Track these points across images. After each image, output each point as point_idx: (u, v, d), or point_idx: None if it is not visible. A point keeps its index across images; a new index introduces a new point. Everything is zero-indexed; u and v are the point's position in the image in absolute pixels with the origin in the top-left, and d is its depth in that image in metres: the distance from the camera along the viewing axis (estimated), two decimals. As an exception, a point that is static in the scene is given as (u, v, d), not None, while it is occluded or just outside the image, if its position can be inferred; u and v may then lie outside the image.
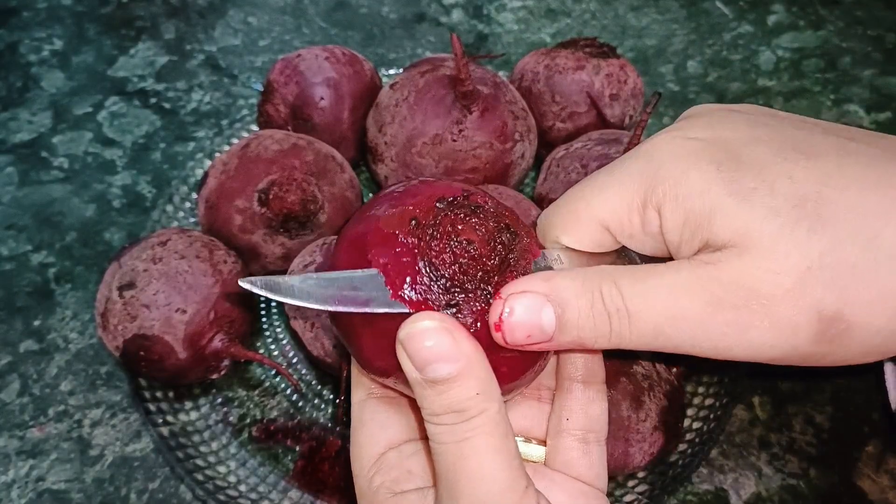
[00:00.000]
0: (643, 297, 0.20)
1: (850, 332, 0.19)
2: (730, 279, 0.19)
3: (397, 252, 0.20)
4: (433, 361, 0.19)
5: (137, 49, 0.59)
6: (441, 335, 0.19)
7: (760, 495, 0.36)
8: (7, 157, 0.51)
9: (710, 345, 0.20)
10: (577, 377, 0.23)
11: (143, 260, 0.34)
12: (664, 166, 0.21)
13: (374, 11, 0.62)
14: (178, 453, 0.35)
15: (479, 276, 0.20)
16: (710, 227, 0.20)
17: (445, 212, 0.21)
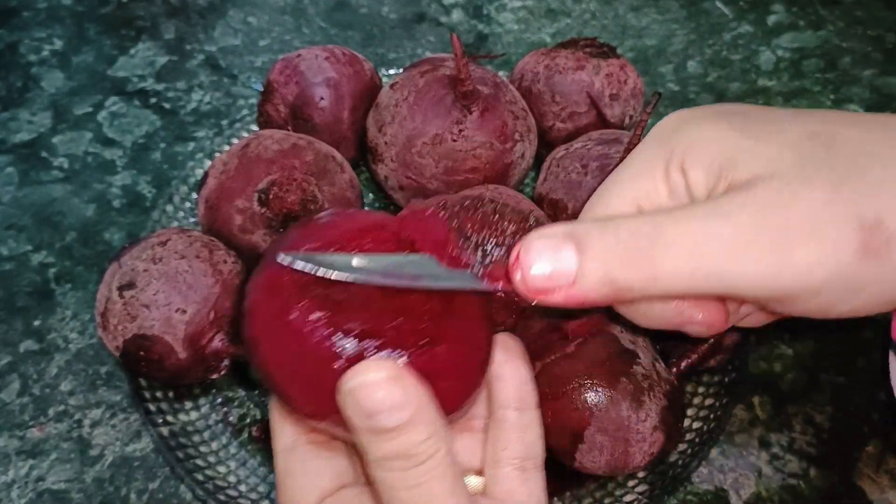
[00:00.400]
0: (677, 223, 0.18)
1: (894, 243, 0.18)
2: (765, 202, 0.18)
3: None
4: (382, 411, 0.18)
5: (137, 49, 0.59)
6: (390, 385, 0.18)
7: (760, 495, 0.36)
8: (7, 157, 0.51)
9: (755, 271, 0.18)
10: (509, 404, 0.23)
11: (143, 260, 0.34)
12: (678, 131, 0.21)
13: (374, 11, 0.62)
14: (178, 453, 0.35)
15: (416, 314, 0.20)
16: (734, 169, 0.20)
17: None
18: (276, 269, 0.20)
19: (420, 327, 0.20)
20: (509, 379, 0.23)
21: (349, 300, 0.20)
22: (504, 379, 0.23)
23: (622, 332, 0.33)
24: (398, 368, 0.19)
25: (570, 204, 0.39)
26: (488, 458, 0.23)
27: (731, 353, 0.36)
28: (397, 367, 0.19)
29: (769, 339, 0.42)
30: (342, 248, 0.20)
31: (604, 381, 0.31)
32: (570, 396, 0.31)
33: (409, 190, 0.42)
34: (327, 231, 0.21)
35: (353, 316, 0.19)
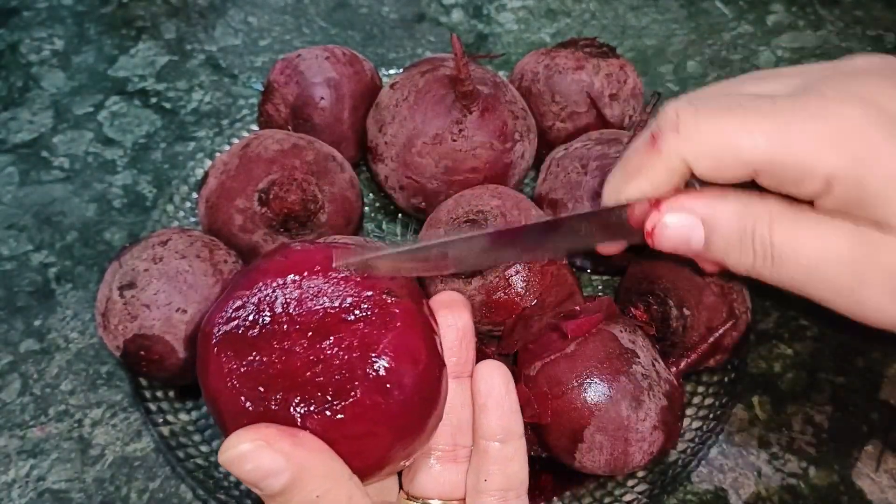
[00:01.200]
0: (794, 246, 0.20)
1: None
2: (889, 253, 0.19)
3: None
4: (261, 480, 0.18)
5: (138, 49, 0.59)
6: (259, 454, 0.18)
7: (760, 495, 0.36)
8: (8, 157, 0.51)
9: (854, 304, 0.21)
10: (493, 435, 0.22)
11: (144, 259, 0.34)
12: (851, 140, 0.20)
13: (374, 11, 0.62)
14: (179, 453, 0.35)
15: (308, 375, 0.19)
16: (878, 210, 0.20)
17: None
18: (214, 311, 0.21)
19: (332, 381, 0.19)
20: (493, 410, 0.22)
21: (268, 352, 0.19)
22: (488, 410, 0.22)
23: (622, 332, 0.33)
24: (269, 433, 0.18)
25: (570, 204, 0.39)
26: (469, 489, 0.23)
27: (730, 353, 0.36)
28: (268, 433, 0.18)
29: (769, 338, 0.42)
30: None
31: (603, 381, 0.31)
32: (569, 396, 0.31)
33: (408, 189, 0.42)
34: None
35: (265, 372, 0.19)
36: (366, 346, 0.20)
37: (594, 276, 0.44)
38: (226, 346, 0.20)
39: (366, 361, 0.19)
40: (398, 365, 0.20)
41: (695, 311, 0.35)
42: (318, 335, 0.20)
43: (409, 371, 0.20)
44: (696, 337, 0.35)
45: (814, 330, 0.42)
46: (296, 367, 0.19)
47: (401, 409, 0.20)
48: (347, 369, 0.19)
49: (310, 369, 0.19)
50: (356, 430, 0.19)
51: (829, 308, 0.21)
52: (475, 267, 0.19)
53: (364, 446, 0.19)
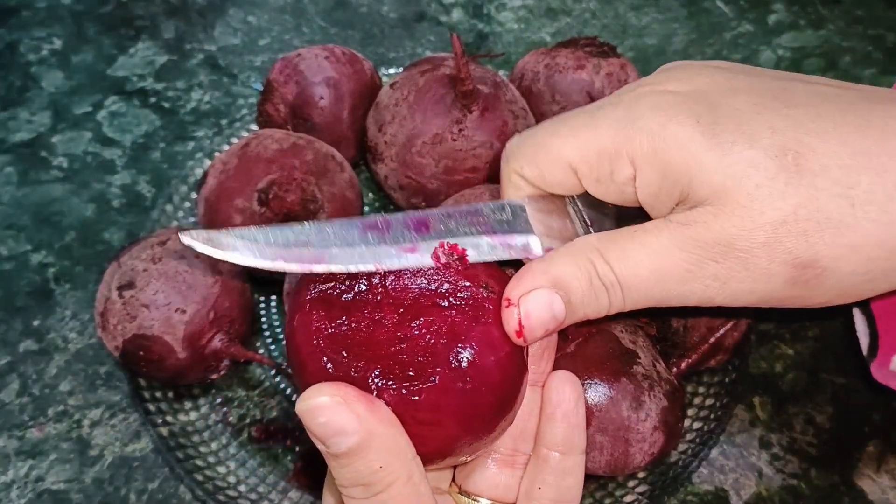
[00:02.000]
0: (632, 269, 0.21)
1: (824, 276, 0.20)
2: (708, 238, 0.20)
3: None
4: (331, 436, 0.18)
5: (137, 48, 0.58)
6: (334, 410, 0.18)
7: (761, 495, 0.36)
8: (6, 157, 0.51)
9: (695, 297, 0.21)
10: (555, 445, 0.22)
11: (143, 260, 0.34)
12: (643, 118, 0.21)
13: (373, 11, 0.62)
14: (178, 453, 0.35)
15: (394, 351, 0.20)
16: (690, 184, 0.20)
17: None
18: (304, 283, 0.21)
19: (414, 362, 0.19)
20: (560, 421, 0.22)
21: (358, 321, 0.20)
22: (555, 420, 0.22)
23: (622, 333, 0.33)
24: (348, 393, 0.18)
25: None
26: (522, 494, 0.23)
27: (731, 354, 0.36)
28: (346, 392, 0.18)
29: (770, 339, 0.42)
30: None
31: (604, 381, 0.31)
32: (570, 396, 0.31)
33: (408, 189, 0.42)
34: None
35: (352, 339, 0.19)
36: (454, 334, 0.20)
37: (594, 276, 0.43)
38: (318, 305, 0.20)
39: (451, 349, 0.20)
40: (482, 360, 0.20)
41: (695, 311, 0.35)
42: (410, 314, 0.20)
43: (491, 368, 0.20)
44: (696, 337, 0.35)
45: (815, 330, 0.42)
46: (381, 340, 0.19)
47: (475, 404, 0.20)
48: (431, 353, 0.19)
49: (395, 345, 0.19)
50: (427, 416, 0.19)
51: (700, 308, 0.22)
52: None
53: (432, 433, 0.20)
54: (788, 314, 0.43)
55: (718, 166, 0.20)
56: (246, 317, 0.37)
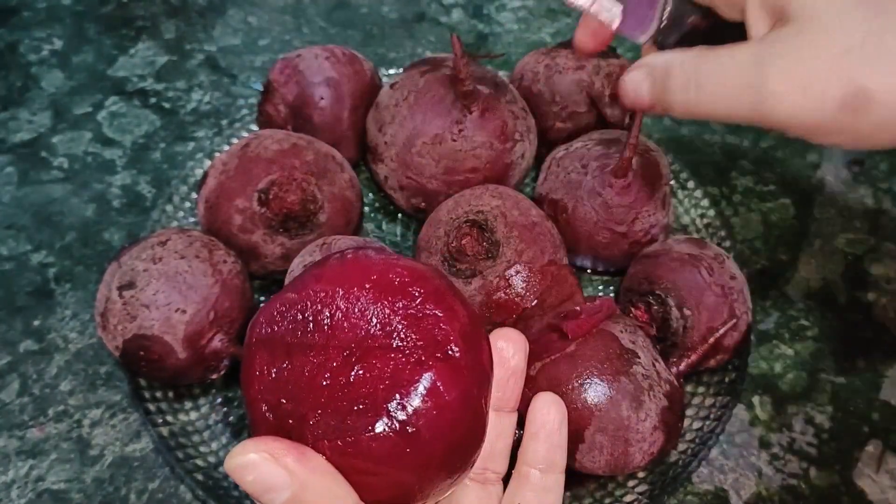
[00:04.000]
0: (712, 71, 0.24)
1: (871, 105, 0.21)
2: (783, 53, 0.23)
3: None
4: (263, 493, 0.18)
5: (137, 49, 0.59)
6: (263, 466, 0.18)
7: (761, 495, 0.36)
8: (7, 157, 0.51)
9: (758, 113, 0.24)
10: (536, 463, 0.23)
11: (143, 260, 0.34)
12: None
13: (374, 11, 0.62)
14: (178, 453, 0.35)
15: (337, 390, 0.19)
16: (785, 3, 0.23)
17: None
18: (262, 310, 0.20)
19: (354, 409, 0.18)
20: (543, 441, 0.23)
21: (301, 363, 0.19)
22: (538, 440, 0.23)
23: (622, 333, 0.33)
24: (277, 447, 0.18)
25: (571, 204, 0.39)
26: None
27: (731, 354, 0.36)
28: (275, 446, 0.18)
29: (769, 339, 0.42)
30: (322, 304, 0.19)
31: (604, 381, 0.31)
32: (570, 396, 0.31)
33: (408, 189, 0.42)
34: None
35: (293, 383, 0.19)
36: (396, 381, 0.18)
37: (594, 276, 0.43)
38: (263, 348, 0.19)
39: (391, 396, 0.18)
40: (425, 406, 0.18)
41: (695, 312, 0.35)
42: (353, 357, 0.19)
43: (437, 414, 0.18)
44: (696, 337, 0.35)
45: (814, 330, 0.42)
46: (321, 386, 0.18)
47: (421, 452, 0.18)
48: (371, 400, 0.18)
49: (336, 391, 0.18)
50: (366, 466, 0.18)
51: (749, 125, 0.25)
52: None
53: (378, 482, 0.19)
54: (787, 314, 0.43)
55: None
56: (246, 317, 0.37)
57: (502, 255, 0.36)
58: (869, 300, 0.43)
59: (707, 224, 0.44)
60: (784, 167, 0.51)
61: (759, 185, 0.50)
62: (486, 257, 0.36)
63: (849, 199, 0.49)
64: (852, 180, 0.50)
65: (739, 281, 0.36)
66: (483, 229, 0.36)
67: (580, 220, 0.39)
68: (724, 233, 0.43)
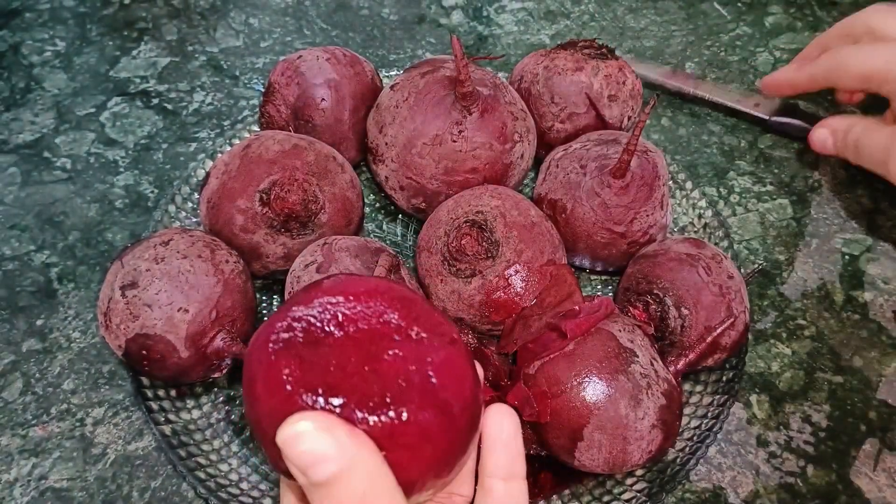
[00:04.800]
0: (867, 142, 0.41)
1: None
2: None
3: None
4: (313, 464, 0.18)
5: (140, 50, 0.59)
6: (317, 436, 0.18)
7: (758, 493, 0.36)
8: (10, 158, 0.51)
9: (888, 175, 0.40)
10: (497, 474, 0.23)
11: (146, 259, 0.34)
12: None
13: (374, 13, 0.63)
14: (181, 452, 0.35)
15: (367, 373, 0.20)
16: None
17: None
18: (273, 322, 0.21)
19: (388, 391, 0.19)
20: (501, 450, 0.23)
21: (327, 360, 0.20)
22: (496, 451, 0.23)
23: (621, 331, 0.33)
24: (328, 420, 0.18)
25: (569, 204, 0.39)
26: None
27: (728, 352, 0.36)
28: (327, 419, 0.18)
29: (767, 338, 0.42)
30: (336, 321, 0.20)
31: (602, 380, 0.31)
32: (568, 395, 0.31)
33: (409, 190, 0.42)
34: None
35: (323, 377, 0.19)
36: (420, 363, 0.20)
37: (593, 275, 0.44)
38: (284, 354, 0.20)
39: (422, 373, 0.20)
40: (451, 382, 0.20)
41: (693, 311, 0.35)
42: (373, 348, 0.20)
43: (459, 389, 0.20)
44: (694, 336, 0.35)
45: (812, 329, 0.42)
46: (351, 375, 0.19)
47: (450, 423, 0.20)
48: (405, 380, 0.20)
49: (365, 379, 0.19)
50: (408, 440, 0.19)
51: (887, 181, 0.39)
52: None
53: (412, 457, 0.19)
54: (785, 313, 0.43)
55: None
56: (248, 316, 0.37)
57: (502, 255, 0.36)
58: (866, 300, 0.44)
59: (705, 224, 0.45)
60: (781, 168, 0.51)
61: (757, 186, 0.50)
62: (485, 257, 0.36)
63: (846, 199, 0.49)
64: (849, 180, 0.50)
65: (737, 280, 0.37)
66: (483, 229, 0.37)
67: (579, 220, 0.39)
68: (722, 233, 0.44)
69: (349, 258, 0.36)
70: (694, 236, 0.42)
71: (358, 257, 0.36)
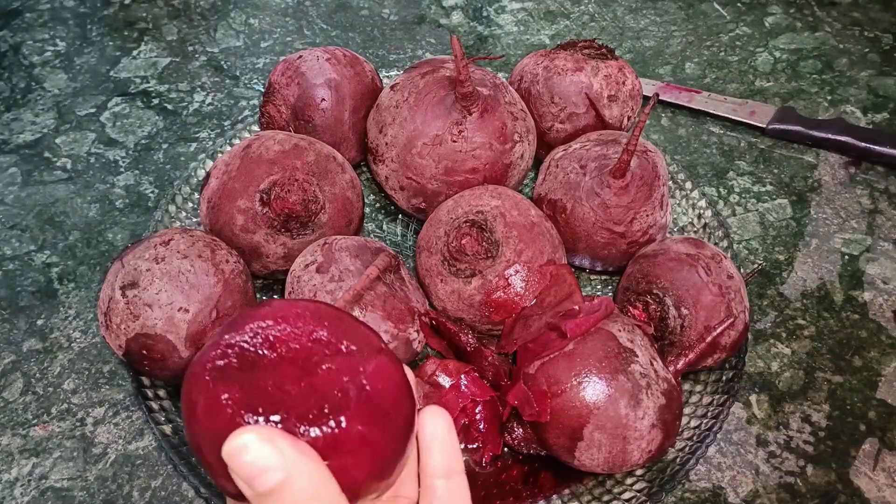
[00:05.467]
0: None
1: None
2: None
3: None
4: (258, 474, 0.19)
5: (140, 50, 0.59)
6: (261, 447, 0.19)
7: (758, 493, 0.36)
8: (10, 158, 0.51)
9: None
10: (437, 473, 0.24)
11: (146, 259, 0.34)
12: None
13: (374, 13, 0.63)
14: (181, 451, 0.35)
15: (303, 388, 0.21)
16: None
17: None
18: (207, 351, 0.22)
19: (326, 403, 0.20)
20: (437, 450, 0.24)
21: (264, 381, 0.21)
22: (433, 450, 0.24)
23: (620, 331, 0.33)
24: (270, 432, 0.19)
25: (569, 204, 0.39)
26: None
27: (728, 352, 0.37)
28: (269, 431, 0.19)
29: (766, 338, 0.42)
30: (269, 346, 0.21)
31: (602, 380, 0.31)
32: (568, 394, 0.32)
33: (409, 190, 0.42)
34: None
35: (262, 397, 0.20)
36: (353, 373, 0.21)
37: (593, 275, 0.44)
38: (221, 380, 0.21)
39: (357, 383, 0.21)
40: (384, 387, 0.21)
41: (693, 311, 0.35)
42: (308, 365, 0.21)
43: (393, 394, 0.22)
44: (694, 336, 0.35)
45: (811, 329, 0.42)
46: (289, 392, 0.20)
47: (387, 428, 0.21)
48: (340, 390, 0.21)
49: (302, 394, 0.21)
50: (349, 446, 0.20)
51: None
52: None
53: (355, 462, 0.20)
54: (784, 313, 0.43)
55: None
56: (248, 316, 0.37)
57: (502, 255, 0.36)
58: (865, 299, 0.44)
59: (705, 224, 0.45)
60: (781, 168, 0.51)
61: (757, 186, 0.50)
62: (485, 257, 0.36)
63: (845, 199, 0.49)
64: (849, 181, 0.50)
65: (737, 280, 0.37)
66: (483, 229, 0.37)
67: (579, 220, 0.39)
68: (722, 233, 0.44)
69: (349, 258, 0.36)
70: (694, 236, 0.42)
71: (358, 257, 0.36)
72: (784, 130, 0.52)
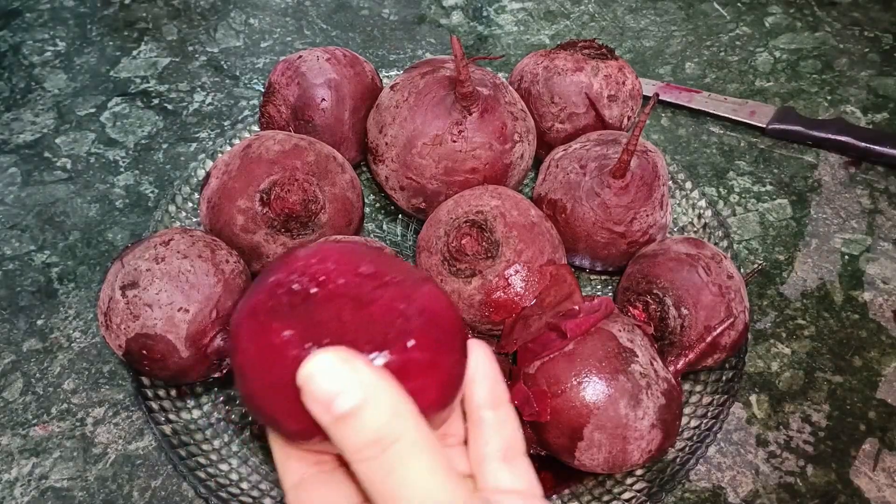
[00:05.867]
0: None
1: None
2: None
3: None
4: (334, 396, 0.18)
5: (140, 50, 0.59)
6: (337, 369, 0.18)
7: (758, 493, 0.36)
8: (10, 158, 0.51)
9: None
10: (485, 404, 0.24)
11: (146, 259, 0.34)
12: None
13: (374, 13, 0.63)
14: (181, 451, 0.35)
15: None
16: None
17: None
18: (251, 297, 0.21)
19: (390, 330, 0.20)
20: (481, 381, 0.24)
21: (321, 315, 0.20)
22: (477, 382, 0.24)
23: (620, 331, 0.33)
24: (346, 353, 0.19)
25: (569, 204, 0.39)
26: (473, 459, 0.24)
27: (728, 352, 0.37)
28: (345, 352, 0.19)
29: (766, 338, 0.42)
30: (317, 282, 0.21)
31: (602, 380, 0.31)
32: (568, 394, 0.32)
33: (409, 190, 0.42)
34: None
35: (324, 329, 0.20)
36: (409, 297, 0.21)
37: (593, 275, 0.44)
38: (276, 318, 0.20)
39: (416, 308, 0.21)
40: (440, 311, 0.21)
41: (693, 311, 0.35)
42: (361, 297, 0.21)
43: (449, 318, 0.22)
44: (694, 336, 0.35)
45: (811, 329, 0.42)
46: (347, 323, 0.20)
47: (450, 352, 0.21)
48: (401, 316, 0.21)
49: (361, 324, 0.20)
50: (416, 370, 0.20)
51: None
52: None
53: (422, 386, 0.20)
54: (784, 313, 0.43)
55: None
56: (248, 316, 0.37)
57: (501, 255, 0.36)
58: (865, 299, 0.44)
59: (705, 224, 0.45)
60: (781, 168, 0.51)
61: (757, 186, 0.50)
62: (485, 257, 0.36)
63: (845, 199, 0.49)
64: (849, 181, 0.50)
65: (737, 280, 0.37)
66: (483, 229, 0.37)
67: (579, 220, 0.39)
68: (722, 233, 0.44)
69: (349, 258, 0.36)
70: (694, 236, 0.42)
71: (358, 257, 0.36)
72: (784, 130, 0.52)
